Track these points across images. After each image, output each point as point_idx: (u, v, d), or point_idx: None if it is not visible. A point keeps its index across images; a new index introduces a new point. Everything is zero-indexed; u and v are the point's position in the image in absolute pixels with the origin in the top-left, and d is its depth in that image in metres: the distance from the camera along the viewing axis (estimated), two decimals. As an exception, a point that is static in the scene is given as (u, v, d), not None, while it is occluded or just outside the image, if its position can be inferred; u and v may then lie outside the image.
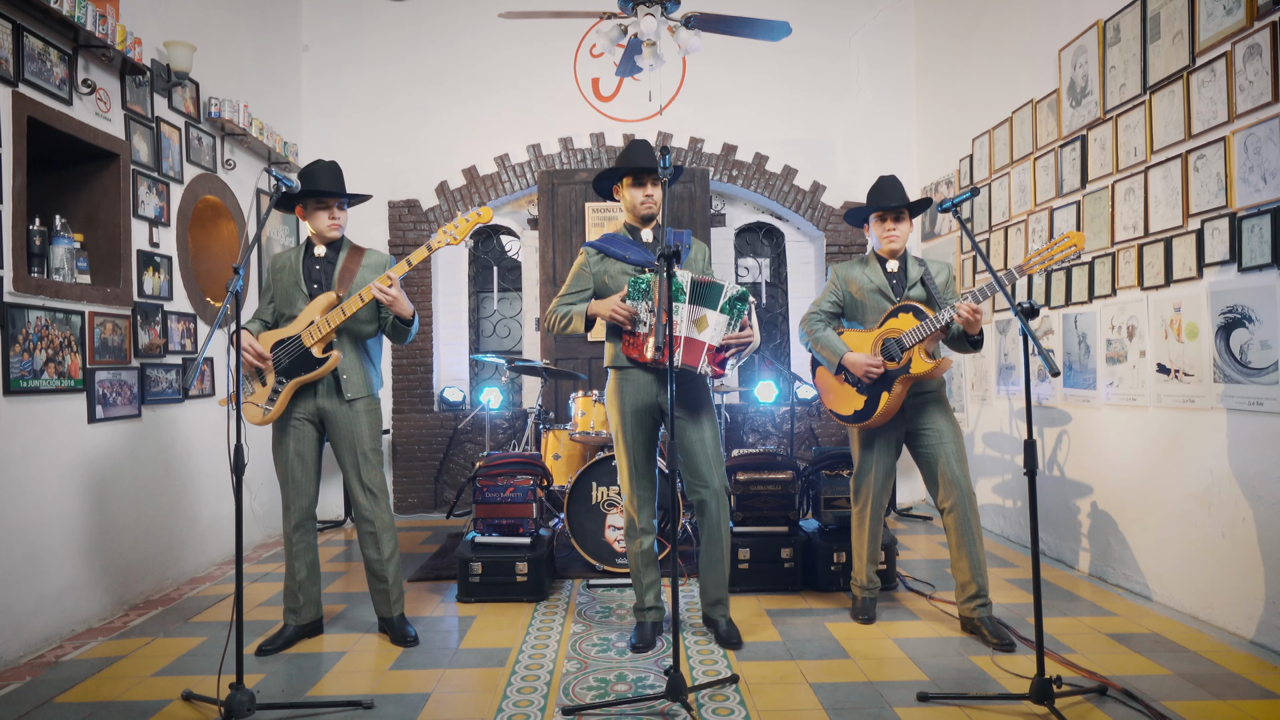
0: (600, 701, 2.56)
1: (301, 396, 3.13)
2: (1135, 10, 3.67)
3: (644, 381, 3.04)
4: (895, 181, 3.29)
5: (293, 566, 3.19)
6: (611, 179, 3.16)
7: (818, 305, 3.41)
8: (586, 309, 3.04)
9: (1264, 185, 2.97)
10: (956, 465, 3.17)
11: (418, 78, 6.11)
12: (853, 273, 3.36)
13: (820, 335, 3.34)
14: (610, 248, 3.11)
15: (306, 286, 3.15)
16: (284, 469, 3.16)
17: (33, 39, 3.27)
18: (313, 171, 3.12)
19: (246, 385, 3.13)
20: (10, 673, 2.95)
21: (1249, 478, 3.07)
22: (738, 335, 2.85)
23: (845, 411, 3.31)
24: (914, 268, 3.31)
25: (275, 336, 3.11)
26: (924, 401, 3.25)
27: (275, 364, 3.08)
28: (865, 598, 3.40)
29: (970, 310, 2.93)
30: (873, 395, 3.21)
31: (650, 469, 3.10)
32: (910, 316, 3.15)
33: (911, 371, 3.12)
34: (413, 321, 3.17)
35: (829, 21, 6.20)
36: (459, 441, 6.08)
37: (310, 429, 3.16)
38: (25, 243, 3.23)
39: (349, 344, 3.16)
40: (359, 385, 3.17)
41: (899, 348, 3.15)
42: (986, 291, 2.92)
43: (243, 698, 2.38)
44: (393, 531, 3.25)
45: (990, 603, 3.17)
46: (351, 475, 3.17)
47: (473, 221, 3.05)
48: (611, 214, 5.62)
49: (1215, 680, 2.70)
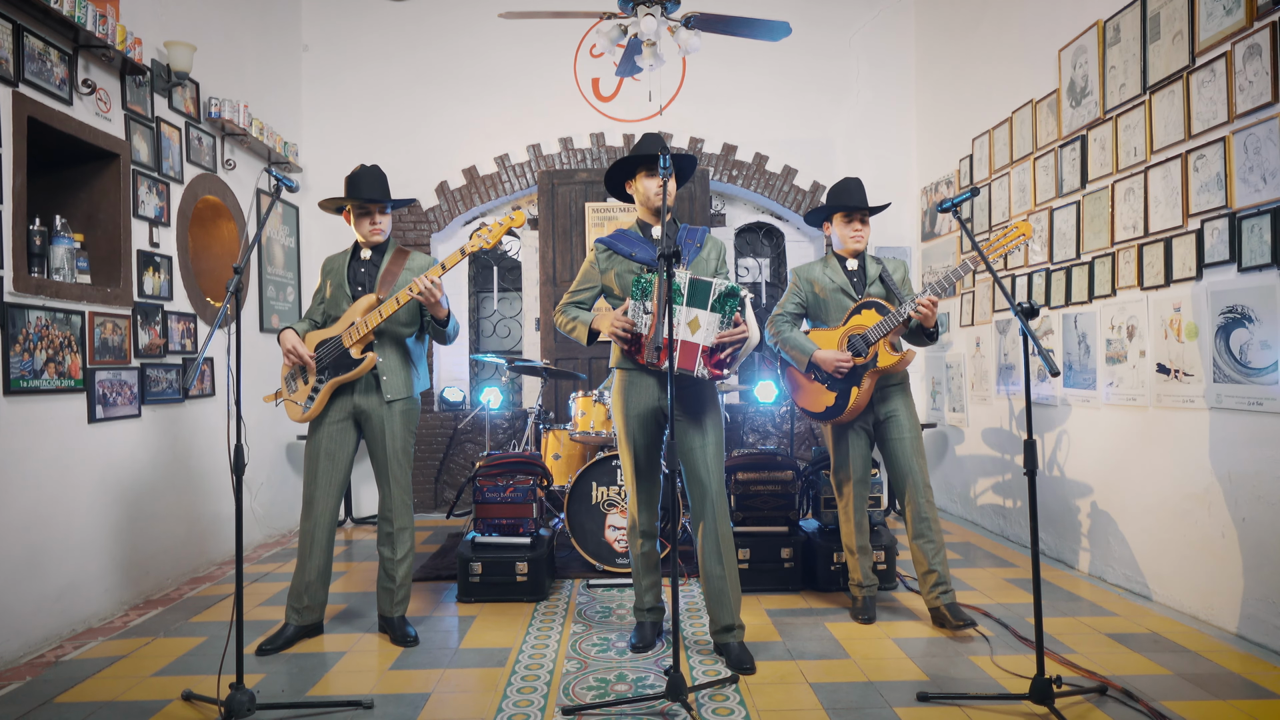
0: (600, 701, 2.56)
1: (340, 396, 3.18)
2: (1135, 10, 3.67)
3: (648, 384, 2.97)
4: (859, 183, 3.38)
5: (305, 565, 3.19)
6: (624, 174, 3.08)
7: (782, 307, 3.49)
8: (591, 323, 2.98)
9: (1264, 185, 2.97)
10: (912, 457, 3.28)
11: (418, 78, 6.11)
12: (814, 273, 3.44)
13: (787, 336, 3.42)
14: (619, 244, 3.05)
15: (350, 288, 3.22)
16: (312, 466, 3.18)
17: (33, 39, 3.27)
18: (356, 177, 3.19)
19: (290, 383, 3.24)
20: (10, 673, 2.95)
21: (1249, 477, 3.07)
22: (730, 333, 2.75)
23: (817, 409, 3.38)
24: (872, 265, 3.41)
25: (320, 337, 3.19)
26: (889, 392, 3.34)
27: (318, 363, 3.15)
28: (865, 596, 3.41)
29: (930, 303, 3.06)
30: (843, 391, 3.29)
31: (653, 471, 3.04)
32: (873, 313, 3.26)
33: (879, 365, 3.22)
34: (448, 322, 3.18)
35: (829, 21, 6.20)
36: (459, 441, 6.09)
37: (348, 428, 3.22)
38: (25, 243, 3.24)
39: (390, 345, 3.20)
40: (398, 386, 3.20)
41: (864, 343, 3.24)
42: (944, 284, 3.08)
43: (243, 698, 2.39)
44: (411, 533, 3.28)
45: (951, 590, 3.25)
46: (382, 474, 3.22)
47: (505, 226, 3.07)
48: (612, 214, 5.62)
49: (1215, 680, 2.70)
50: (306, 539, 3.18)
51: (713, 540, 2.92)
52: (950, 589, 3.24)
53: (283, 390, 3.28)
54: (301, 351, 3.12)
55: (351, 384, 3.18)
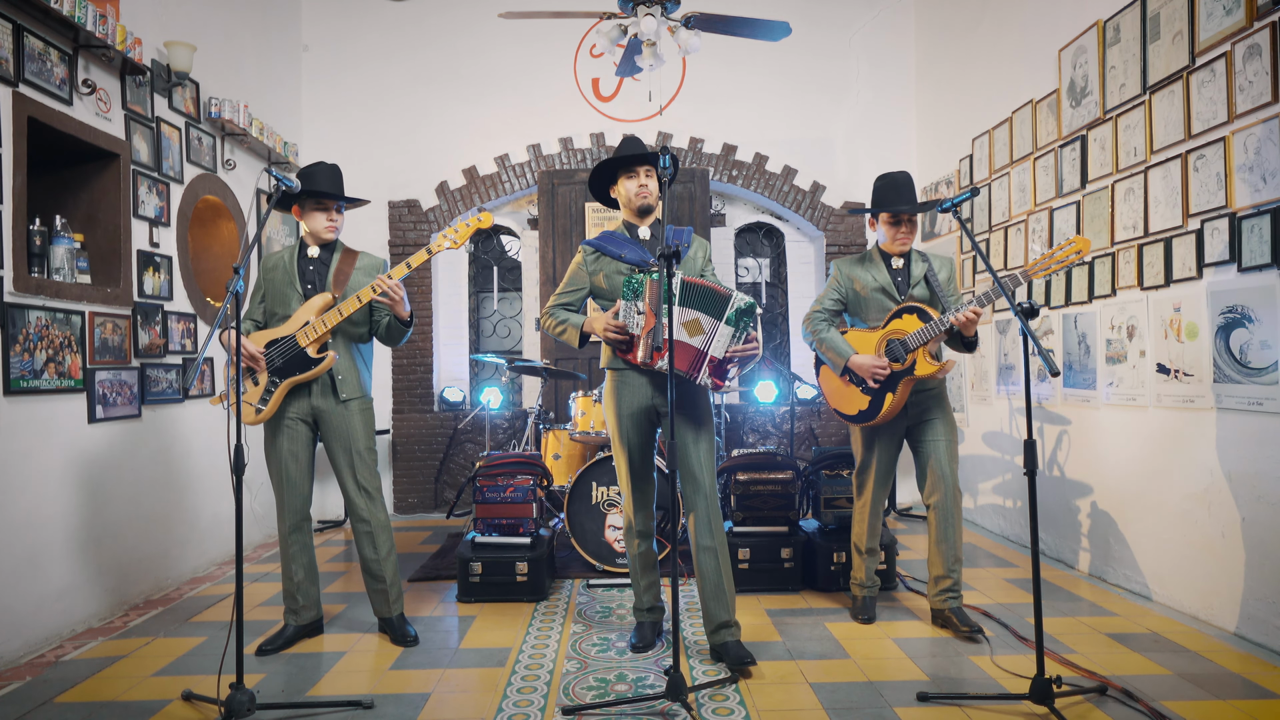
0: (600, 701, 2.56)
1: (295, 396, 3.13)
2: (1135, 10, 3.67)
3: (640, 383, 2.96)
4: (908, 179, 3.22)
5: (290, 568, 3.19)
6: (604, 179, 3.08)
7: (820, 303, 3.37)
8: (583, 325, 2.97)
9: (1264, 185, 2.97)
10: (947, 462, 3.22)
11: (418, 78, 6.11)
12: (856, 270, 3.33)
13: (825, 337, 3.32)
14: (607, 246, 3.02)
15: (301, 286, 3.15)
16: (279, 469, 3.15)
17: (33, 39, 3.27)
18: (313, 172, 3.13)
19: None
20: (10, 672, 2.95)
21: (1249, 477, 3.07)
22: (743, 348, 2.74)
23: (850, 411, 3.30)
24: (917, 265, 3.29)
25: (268, 336, 3.11)
26: (925, 398, 3.26)
27: (268, 363, 3.08)
28: (865, 596, 3.39)
29: (973, 314, 2.95)
30: (877, 396, 3.21)
31: (647, 471, 3.03)
32: (914, 318, 3.13)
33: (916, 373, 3.12)
34: (410, 324, 3.17)
35: (829, 21, 6.20)
36: (459, 441, 6.08)
37: (304, 429, 3.16)
38: (25, 243, 3.24)
39: (343, 345, 3.17)
40: (353, 386, 3.18)
41: (903, 349, 3.14)
42: (990, 295, 2.94)
43: (243, 698, 2.38)
44: (389, 531, 3.24)
45: (961, 595, 3.22)
46: (346, 475, 3.17)
47: (473, 226, 3.03)
48: (612, 214, 5.62)
49: (1215, 680, 2.70)
50: (286, 542, 3.17)
51: (707, 535, 2.91)
52: (959, 595, 3.21)
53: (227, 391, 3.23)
54: (250, 350, 3.03)
55: (307, 385, 3.12)
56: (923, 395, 3.26)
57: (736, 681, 2.74)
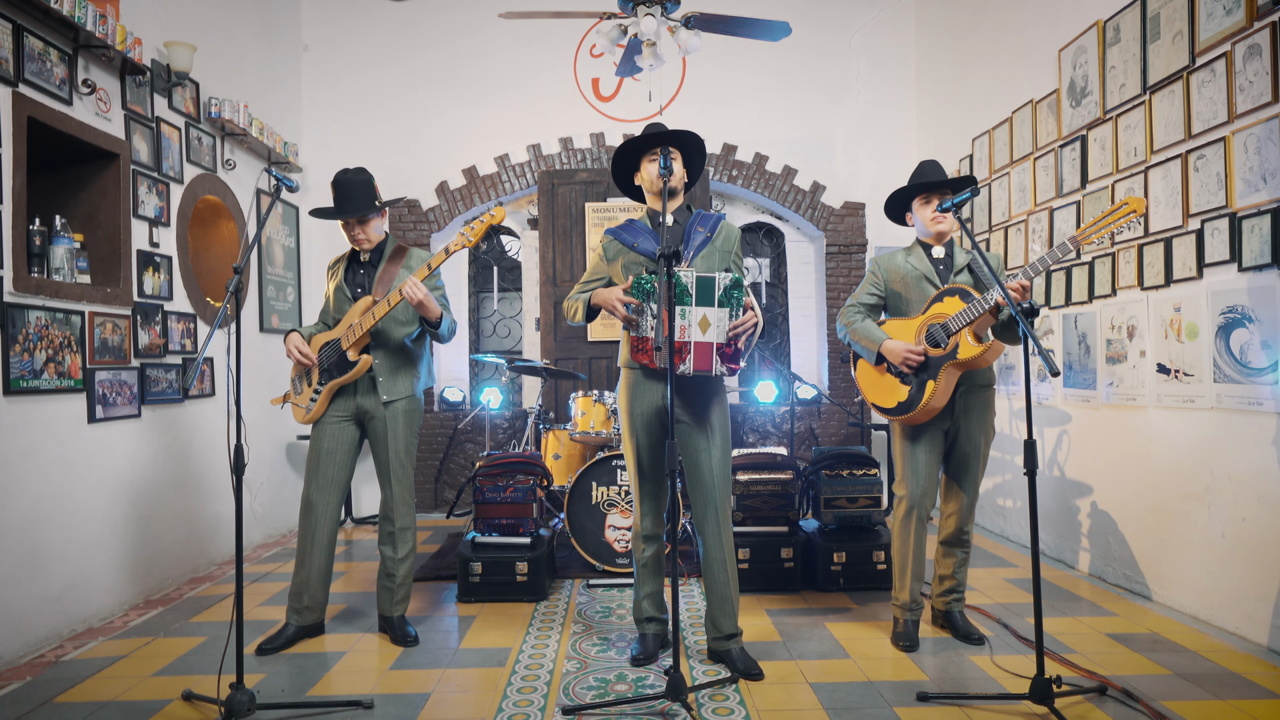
0: (600, 701, 2.56)
1: (342, 396, 3.21)
2: (1135, 10, 3.67)
3: (654, 384, 2.86)
4: (935, 164, 3.09)
5: (304, 564, 3.19)
6: (628, 165, 2.98)
7: (856, 298, 3.19)
8: (590, 298, 2.90)
9: (1264, 185, 2.97)
10: (978, 479, 3.10)
11: (418, 78, 6.11)
12: (894, 262, 3.13)
13: (858, 325, 3.11)
14: (624, 235, 2.94)
15: (350, 290, 3.23)
16: (313, 466, 3.19)
17: (33, 39, 3.27)
18: (338, 185, 3.15)
19: (296, 385, 3.28)
20: (10, 672, 2.95)
21: (1249, 477, 3.07)
22: (741, 321, 2.66)
23: (888, 404, 3.05)
24: (961, 254, 3.09)
25: (324, 339, 3.21)
26: (971, 403, 3.03)
27: (321, 365, 3.18)
28: (909, 620, 3.11)
29: (1020, 287, 2.70)
30: (917, 385, 2.95)
31: (657, 474, 2.92)
32: (956, 299, 2.89)
33: (959, 356, 2.85)
34: (439, 323, 3.14)
35: (829, 21, 6.20)
36: (459, 441, 6.08)
37: (350, 428, 3.23)
38: (25, 243, 3.24)
39: (388, 345, 3.20)
40: (395, 387, 3.20)
41: (945, 332, 2.89)
42: (1037, 266, 2.70)
43: (243, 697, 2.39)
44: (413, 533, 3.28)
45: (964, 598, 3.21)
46: (385, 474, 3.23)
47: (487, 223, 3.02)
48: (612, 214, 5.62)
49: (1215, 680, 2.70)
50: (306, 538, 3.18)
51: (717, 547, 2.87)
52: (963, 596, 3.21)
53: (290, 392, 3.31)
54: (305, 352, 3.15)
55: (354, 385, 3.19)
56: (972, 397, 3.03)
57: (736, 682, 2.74)
